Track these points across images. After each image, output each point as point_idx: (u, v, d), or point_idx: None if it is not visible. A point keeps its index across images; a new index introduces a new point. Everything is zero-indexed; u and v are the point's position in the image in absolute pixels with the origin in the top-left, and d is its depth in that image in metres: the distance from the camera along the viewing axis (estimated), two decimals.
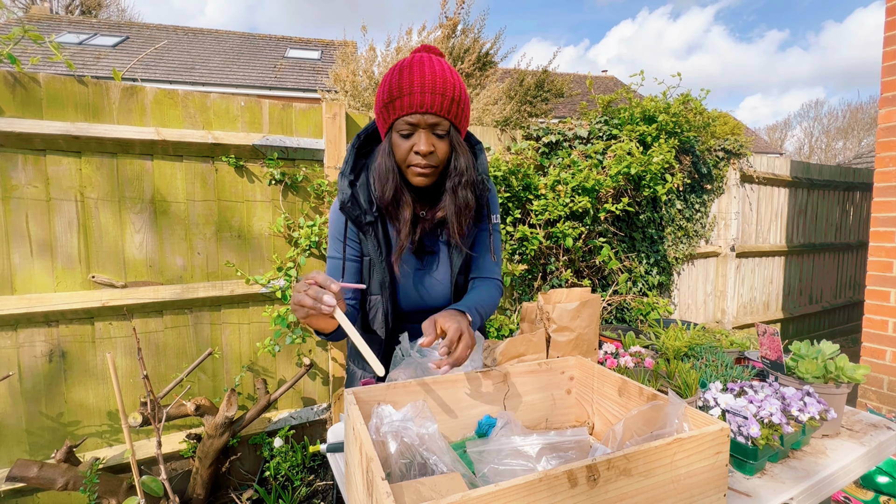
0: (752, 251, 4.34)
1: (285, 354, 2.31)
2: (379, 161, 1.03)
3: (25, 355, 1.80)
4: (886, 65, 2.46)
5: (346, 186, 1.07)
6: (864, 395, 2.54)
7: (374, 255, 1.10)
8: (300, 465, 2.21)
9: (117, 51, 9.92)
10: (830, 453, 0.98)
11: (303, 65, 10.78)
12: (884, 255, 2.48)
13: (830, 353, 1.14)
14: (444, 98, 0.95)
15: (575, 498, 0.60)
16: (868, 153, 8.82)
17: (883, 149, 2.49)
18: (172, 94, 1.99)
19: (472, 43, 6.32)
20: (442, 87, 0.94)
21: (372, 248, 1.09)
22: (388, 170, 1.01)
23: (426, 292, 1.17)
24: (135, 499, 1.34)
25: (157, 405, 1.54)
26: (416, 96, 0.94)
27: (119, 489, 1.73)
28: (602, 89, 14.87)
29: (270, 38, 12.39)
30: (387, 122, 0.99)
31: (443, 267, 1.17)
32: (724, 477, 0.72)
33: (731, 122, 4.72)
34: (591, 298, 1.13)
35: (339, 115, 2.27)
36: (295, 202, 2.26)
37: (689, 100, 3.49)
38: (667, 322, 1.91)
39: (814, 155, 26.26)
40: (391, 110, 0.97)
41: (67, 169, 1.83)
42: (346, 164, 1.09)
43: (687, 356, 1.27)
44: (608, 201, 3.00)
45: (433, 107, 0.94)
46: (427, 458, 0.65)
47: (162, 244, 2.00)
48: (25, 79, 1.74)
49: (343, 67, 6.07)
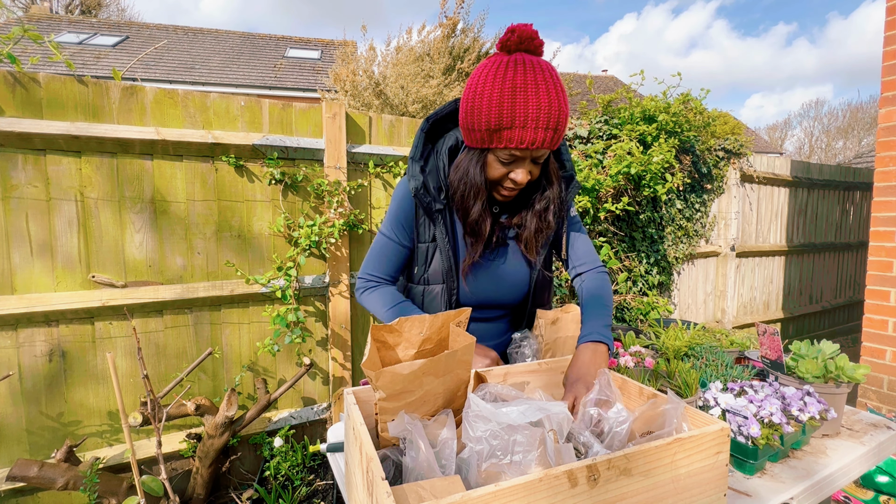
0: (752, 251, 4.34)
1: (285, 354, 2.31)
2: (469, 172, 0.99)
3: (25, 355, 1.80)
4: (886, 64, 2.46)
5: (417, 172, 1.04)
6: (864, 394, 2.54)
7: (441, 243, 1.08)
8: (300, 464, 2.21)
9: (117, 50, 9.91)
10: (830, 453, 0.98)
11: (303, 64, 10.78)
12: (884, 254, 2.48)
13: (830, 352, 1.14)
14: (555, 133, 0.91)
15: (575, 498, 0.60)
16: (868, 153, 8.82)
17: (883, 148, 2.48)
18: (172, 93, 1.99)
19: (471, 42, 6.32)
20: (556, 120, 0.89)
21: (440, 235, 1.07)
22: (478, 187, 0.99)
23: (501, 285, 1.15)
24: (135, 498, 1.34)
25: (157, 405, 1.54)
26: (529, 132, 0.89)
27: (119, 489, 1.73)
28: (602, 89, 14.87)
29: (270, 37, 12.38)
30: (486, 143, 0.94)
31: (516, 260, 1.15)
32: (724, 477, 0.72)
33: (732, 121, 4.72)
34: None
35: (338, 115, 2.27)
36: (295, 202, 2.26)
37: (689, 99, 3.49)
38: (667, 322, 1.91)
39: (814, 154, 26.26)
40: (497, 139, 0.92)
41: (67, 169, 1.83)
42: (416, 148, 1.07)
43: (687, 356, 1.27)
44: (608, 201, 3.00)
45: (544, 143, 0.91)
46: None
47: (162, 244, 2.00)
48: (25, 78, 1.74)
49: (343, 67, 6.07)
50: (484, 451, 0.65)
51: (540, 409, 0.67)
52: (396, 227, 1.11)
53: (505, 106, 0.88)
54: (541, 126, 0.89)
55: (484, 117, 0.90)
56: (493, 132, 0.91)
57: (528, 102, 0.87)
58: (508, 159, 0.95)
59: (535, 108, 0.87)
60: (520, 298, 1.19)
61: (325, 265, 2.36)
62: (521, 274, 1.16)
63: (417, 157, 1.06)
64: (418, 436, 0.65)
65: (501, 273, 1.14)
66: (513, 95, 0.87)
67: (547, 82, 0.88)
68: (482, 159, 0.98)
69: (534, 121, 0.88)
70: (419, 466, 0.64)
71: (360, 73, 6.08)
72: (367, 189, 2.45)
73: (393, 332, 0.78)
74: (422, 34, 6.28)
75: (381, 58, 6.38)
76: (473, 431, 0.66)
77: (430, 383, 0.70)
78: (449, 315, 0.79)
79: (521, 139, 0.90)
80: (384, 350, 0.79)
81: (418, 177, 1.04)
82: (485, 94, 0.90)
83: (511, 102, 0.87)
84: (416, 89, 5.67)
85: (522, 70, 0.88)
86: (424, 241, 1.11)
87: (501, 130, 0.90)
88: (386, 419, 0.71)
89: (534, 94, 0.87)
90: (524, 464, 0.63)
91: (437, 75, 5.92)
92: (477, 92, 0.91)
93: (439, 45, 6.06)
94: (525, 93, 0.87)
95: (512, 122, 0.88)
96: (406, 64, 5.97)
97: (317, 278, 2.31)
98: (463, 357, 0.73)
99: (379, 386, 0.67)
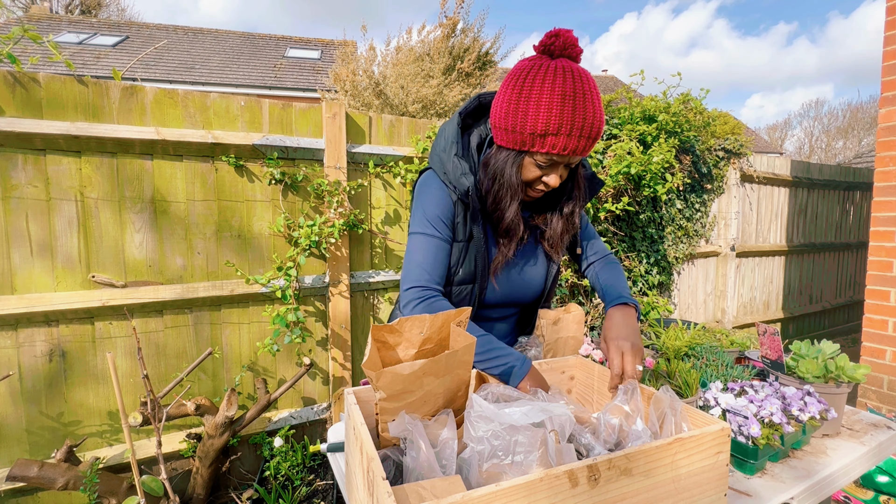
0: (752, 251, 4.34)
1: (285, 354, 2.31)
2: (506, 173, 0.99)
3: (25, 355, 1.80)
4: (886, 64, 2.46)
5: (467, 170, 1.03)
6: (865, 394, 2.54)
7: (478, 242, 1.07)
8: (300, 464, 2.22)
9: (117, 50, 9.91)
10: (831, 453, 0.98)
11: (303, 64, 10.78)
12: (884, 254, 2.48)
13: (831, 352, 1.14)
14: (592, 142, 0.94)
15: (576, 498, 0.60)
16: (868, 153, 8.82)
17: (883, 148, 2.49)
18: (172, 93, 1.99)
19: (471, 42, 6.32)
20: (597, 130, 0.92)
21: (478, 234, 1.06)
22: (514, 188, 1.00)
23: (520, 283, 1.16)
24: (135, 498, 1.34)
25: (157, 405, 1.54)
26: (573, 140, 0.91)
27: (119, 489, 1.73)
28: (602, 89, 14.87)
29: (270, 37, 12.38)
30: (528, 146, 0.95)
31: (538, 258, 1.17)
32: (724, 477, 0.72)
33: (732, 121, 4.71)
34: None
35: (338, 115, 2.27)
36: (295, 202, 2.26)
37: (689, 99, 3.49)
38: (667, 322, 1.91)
39: (814, 154, 26.26)
40: (541, 144, 0.93)
41: (67, 169, 1.83)
42: (456, 143, 1.05)
43: (687, 356, 1.27)
44: (608, 201, 3.00)
45: (584, 152, 0.95)
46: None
47: (162, 244, 2.00)
48: (25, 78, 1.74)
49: (343, 67, 6.07)
50: (485, 451, 0.65)
51: (542, 410, 0.67)
52: (439, 224, 1.05)
53: (554, 112, 0.89)
54: (584, 135, 0.92)
55: (531, 121, 0.91)
56: (536, 136, 0.93)
57: (576, 112, 0.90)
58: (546, 163, 0.97)
59: (581, 117, 0.90)
60: (537, 295, 1.21)
61: (325, 265, 2.36)
62: (542, 271, 1.19)
63: (461, 154, 1.04)
64: (419, 436, 0.65)
65: (526, 271, 1.16)
66: (562, 103, 0.89)
67: (592, 93, 0.92)
68: (518, 161, 0.99)
69: (578, 129, 0.91)
70: (420, 467, 0.64)
71: (360, 73, 6.09)
72: (367, 189, 2.45)
73: (393, 333, 0.78)
74: (422, 34, 6.28)
75: (381, 58, 6.38)
76: (475, 431, 0.66)
77: (430, 383, 0.70)
78: (449, 315, 0.79)
79: (564, 146, 0.92)
80: (385, 350, 0.79)
81: (469, 175, 1.02)
82: (532, 98, 0.91)
83: (560, 110, 0.89)
84: (416, 89, 5.67)
85: (571, 79, 0.90)
86: (460, 241, 1.08)
87: (547, 136, 0.92)
88: (387, 419, 0.71)
89: (581, 105, 0.90)
90: (525, 464, 0.63)
91: (437, 75, 5.92)
92: (523, 94, 0.92)
93: (439, 45, 6.06)
94: (574, 102, 0.89)
95: (559, 129, 0.90)
96: (406, 64, 5.97)
97: (317, 278, 2.32)
98: (463, 357, 0.73)
99: (379, 386, 0.67)
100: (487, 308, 1.16)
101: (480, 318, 1.17)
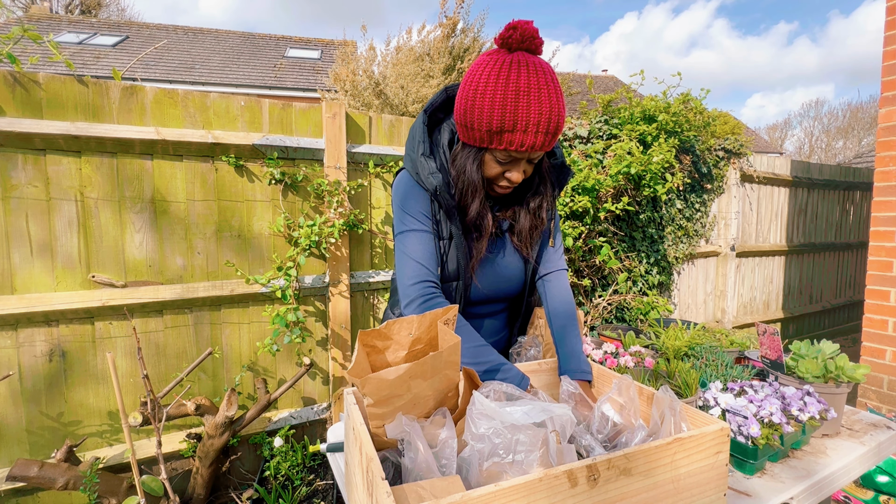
0: (752, 251, 4.34)
1: (285, 354, 2.31)
2: (467, 170, 0.99)
3: (25, 355, 1.80)
4: (886, 64, 2.46)
5: (434, 169, 1.01)
6: (864, 394, 2.54)
7: (457, 239, 1.06)
8: (300, 464, 2.22)
9: (117, 50, 9.91)
10: (830, 453, 0.98)
11: (303, 64, 10.78)
12: (884, 254, 2.48)
13: (830, 352, 1.14)
14: (553, 137, 0.92)
15: (575, 498, 0.60)
16: (868, 153, 8.82)
17: (883, 148, 2.49)
18: (172, 93, 1.99)
19: (471, 42, 6.32)
20: (555, 125, 0.90)
21: (456, 232, 1.05)
22: (476, 185, 0.99)
23: (500, 278, 1.15)
24: (135, 498, 1.34)
25: (157, 405, 1.54)
26: (530, 136, 0.89)
27: (119, 489, 1.73)
28: (602, 89, 14.87)
29: (270, 37, 12.38)
30: (485, 143, 0.94)
31: (512, 252, 1.15)
32: (724, 476, 0.72)
33: (732, 121, 4.72)
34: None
35: (339, 115, 2.27)
36: (295, 202, 2.26)
37: (689, 99, 3.49)
38: (667, 322, 1.91)
39: (814, 154, 26.25)
40: (498, 140, 0.92)
41: (67, 169, 1.83)
42: (422, 143, 1.04)
43: (687, 356, 1.28)
44: (608, 201, 3.00)
45: (543, 147, 0.92)
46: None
47: (162, 244, 2.00)
48: (25, 79, 1.74)
49: (343, 67, 6.07)
50: (486, 449, 0.65)
51: (544, 410, 0.67)
52: (423, 219, 1.05)
53: (508, 109, 0.88)
54: (541, 131, 0.89)
55: (486, 118, 0.90)
56: (493, 134, 0.91)
57: (531, 107, 0.87)
58: (506, 159, 0.96)
59: (536, 113, 0.88)
60: (518, 289, 1.19)
61: (324, 265, 2.36)
62: (520, 265, 1.17)
63: (427, 153, 1.03)
64: (416, 437, 0.65)
65: (502, 265, 1.15)
66: (516, 99, 0.87)
67: (549, 86, 0.89)
68: (479, 158, 0.98)
69: (535, 125, 0.88)
70: (418, 467, 0.64)
71: (360, 72, 6.09)
72: (367, 189, 2.45)
73: (382, 336, 0.77)
74: (422, 34, 6.28)
75: (381, 58, 6.38)
76: (476, 429, 0.66)
77: (418, 386, 0.70)
78: (437, 313, 0.79)
79: (521, 142, 0.90)
80: (374, 354, 0.78)
81: (437, 174, 1.01)
82: (486, 95, 0.89)
83: (514, 106, 0.87)
84: (416, 89, 5.67)
85: (526, 73, 0.87)
86: (444, 238, 1.07)
87: (503, 133, 0.90)
88: (377, 424, 0.71)
89: (536, 100, 0.87)
90: (526, 463, 0.63)
91: (437, 75, 5.92)
92: (478, 91, 0.90)
93: (439, 45, 6.06)
94: (528, 97, 0.87)
95: (514, 126, 0.89)
96: (406, 64, 5.97)
97: (317, 278, 2.32)
98: (450, 357, 0.72)
99: (366, 392, 0.67)
100: (475, 305, 1.16)
101: (470, 315, 1.16)
